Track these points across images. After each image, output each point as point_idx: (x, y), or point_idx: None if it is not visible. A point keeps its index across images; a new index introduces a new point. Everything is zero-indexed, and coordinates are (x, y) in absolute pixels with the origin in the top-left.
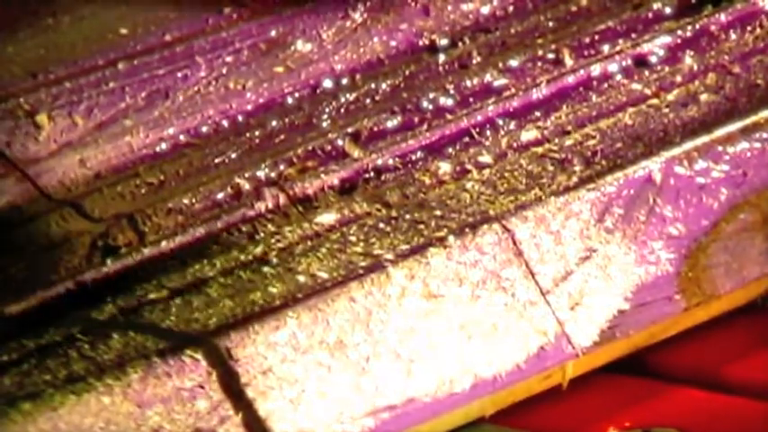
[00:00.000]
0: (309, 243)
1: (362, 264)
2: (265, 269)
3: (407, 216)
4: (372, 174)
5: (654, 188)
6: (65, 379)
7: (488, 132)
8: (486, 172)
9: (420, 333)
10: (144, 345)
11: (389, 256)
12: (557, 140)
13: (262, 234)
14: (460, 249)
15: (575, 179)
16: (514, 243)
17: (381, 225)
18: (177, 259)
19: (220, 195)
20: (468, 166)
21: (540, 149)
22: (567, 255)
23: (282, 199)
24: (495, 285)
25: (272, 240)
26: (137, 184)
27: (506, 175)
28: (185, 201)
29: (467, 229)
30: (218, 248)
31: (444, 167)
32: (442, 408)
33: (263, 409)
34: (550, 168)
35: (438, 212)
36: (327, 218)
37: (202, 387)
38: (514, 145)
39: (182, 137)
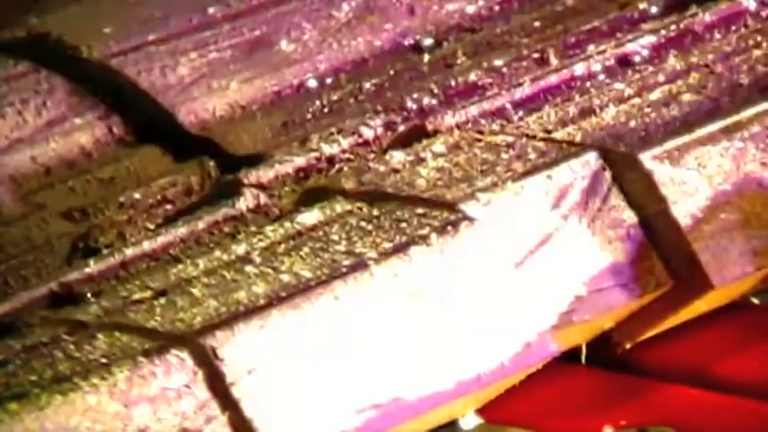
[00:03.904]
0: (292, 242)
1: (346, 262)
2: (248, 268)
3: (390, 214)
4: (325, 163)
5: (609, 177)
6: (51, 379)
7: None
8: (442, 160)
9: (404, 331)
10: (129, 345)
11: (373, 255)
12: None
13: (244, 233)
14: (442, 247)
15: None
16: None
17: (363, 223)
18: (160, 260)
19: (174, 191)
20: (424, 155)
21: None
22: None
23: (264, 198)
24: (478, 282)
25: (255, 240)
26: (88, 180)
27: (462, 162)
28: (137, 196)
29: (449, 227)
30: (200, 248)
31: (398, 157)
32: (427, 406)
33: (249, 408)
34: (505, 157)
35: (420, 210)
36: (309, 216)
37: (188, 387)
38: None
39: None
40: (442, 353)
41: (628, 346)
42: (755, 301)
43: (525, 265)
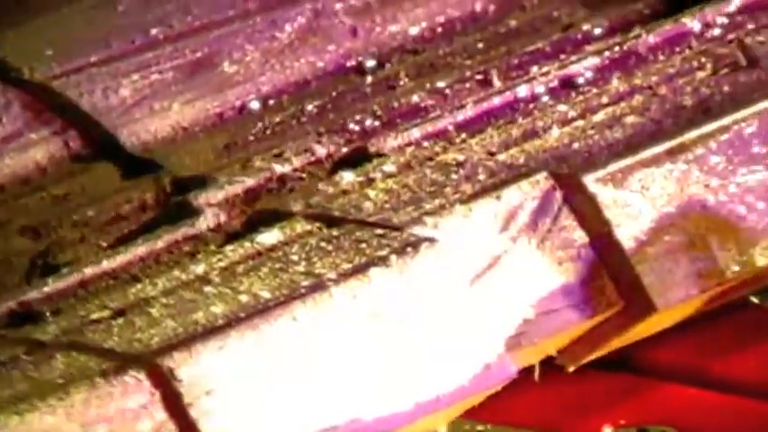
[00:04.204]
0: (251, 262)
1: (305, 283)
2: (207, 288)
3: (349, 235)
4: (276, 183)
5: (559, 197)
6: (8, 399)
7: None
8: (391, 181)
9: (363, 352)
10: (87, 365)
11: (332, 276)
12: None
13: (203, 253)
14: (402, 268)
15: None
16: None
17: (323, 244)
18: (119, 278)
19: (129, 208)
20: (373, 176)
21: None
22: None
23: (223, 217)
24: (437, 303)
25: (214, 259)
26: (42, 197)
27: (410, 184)
28: (90, 213)
29: (408, 248)
30: (159, 267)
31: (348, 178)
32: (385, 427)
33: (206, 429)
34: (454, 177)
35: (379, 231)
36: (269, 237)
37: (146, 407)
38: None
39: None
40: (401, 374)
41: (572, 368)
42: (755, 300)
43: (476, 287)
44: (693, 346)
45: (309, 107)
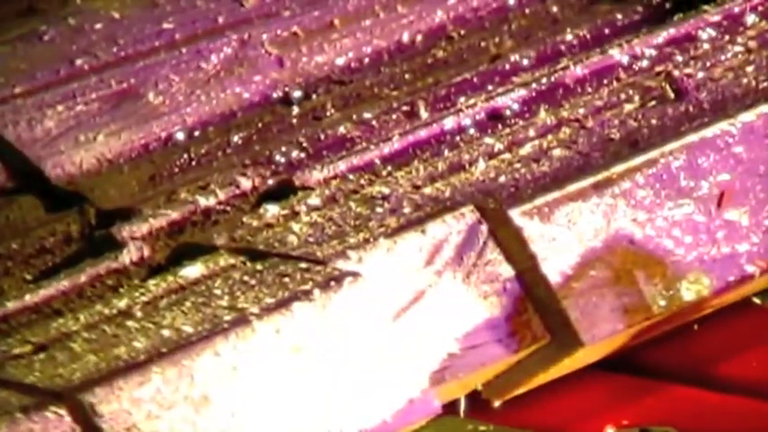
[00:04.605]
0: (174, 296)
1: (227, 318)
2: (130, 323)
3: (273, 269)
4: (201, 216)
5: (485, 231)
6: None
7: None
8: (315, 214)
9: (286, 387)
10: (8, 400)
11: (255, 310)
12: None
13: (126, 287)
14: (325, 302)
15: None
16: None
17: (246, 278)
18: (41, 313)
19: (54, 240)
20: (298, 209)
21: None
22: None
23: (147, 251)
24: (361, 338)
25: (137, 293)
26: None
27: (335, 218)
28: (14, 246)
29: (332, 283)
30: (82, 302)
31: (273, 210)
32: None
33: None
34: (379, 211)
35: (303, 265)
36: (192, 270)
37: None
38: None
39: None
40: (324, 409)
41: (497, 403)
42: (756, 301)
43: (400, 322)
44: (694, 347)
45: (235, 138)
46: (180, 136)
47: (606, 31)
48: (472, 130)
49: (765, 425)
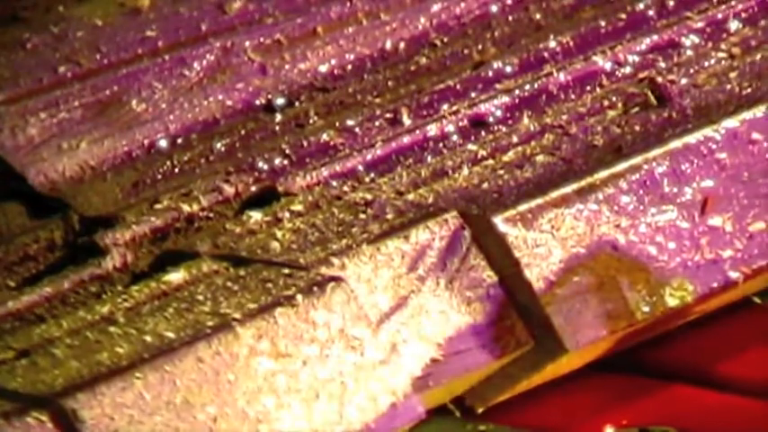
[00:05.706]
0: (157, 302)
1: (210, 323)
2: (112, 329)
3: (256, 275)
4: (184, 222)
5: (468, 237)
6: None
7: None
8: (298, 221)
9: (268, 393)
10: None
11: (237, 316)
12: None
13: (109, 293)
14: (307, 308)
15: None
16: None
17: (229, 284)
18: (24, 319)
19: (37, 247)
20: (281, 215)
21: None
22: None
23: (130, 257)
24: (344, 343)
25: (119, 299)
26: None
27: (318, 224)
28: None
29: (315, 288)
30: (65, 308)
31: (256, 217)
32: None
33: None
34: (362, 217)
35: (286, 271)
36: (175, 276)
37: None
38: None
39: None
40: (306, 414)
41: (480, 410)
42: (757, 300)
43: (383, 328)
44: (695, 347)
45: (218, 145)
46: (163, 143)
47: (589, 37)
48: (455, 137)
49: (765, 425)
